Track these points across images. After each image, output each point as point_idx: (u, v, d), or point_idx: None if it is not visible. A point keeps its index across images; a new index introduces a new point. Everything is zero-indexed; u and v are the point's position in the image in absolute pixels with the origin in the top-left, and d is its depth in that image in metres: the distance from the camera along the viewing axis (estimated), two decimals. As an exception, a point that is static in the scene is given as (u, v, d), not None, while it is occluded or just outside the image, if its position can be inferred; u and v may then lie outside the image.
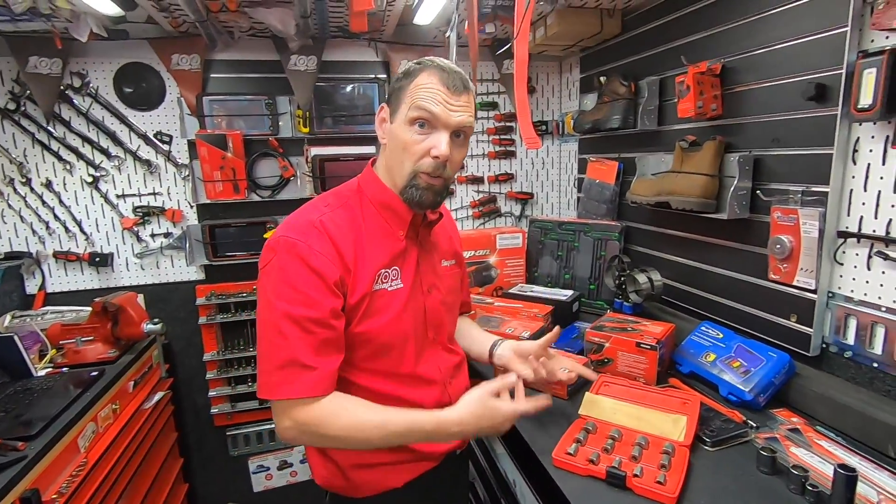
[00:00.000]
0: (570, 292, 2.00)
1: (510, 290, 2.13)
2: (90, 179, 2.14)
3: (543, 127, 2.63)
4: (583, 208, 2.31)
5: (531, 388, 1.40)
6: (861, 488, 0.91)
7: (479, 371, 1.54)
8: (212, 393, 2.37)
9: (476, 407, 1.01)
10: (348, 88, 2.35)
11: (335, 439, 0.96)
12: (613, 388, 1.34)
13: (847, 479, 0.86)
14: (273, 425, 1.02)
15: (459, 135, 1.02)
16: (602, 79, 2.02)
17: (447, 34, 1.89)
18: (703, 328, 1.52)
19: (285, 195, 2.34)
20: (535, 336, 1.71)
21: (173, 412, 2.25)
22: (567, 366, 1.25)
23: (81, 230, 2.17)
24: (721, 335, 1.46)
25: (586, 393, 1.30)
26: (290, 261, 0.94)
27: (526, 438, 1.18)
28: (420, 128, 0.98)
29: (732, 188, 1.43)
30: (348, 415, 0.95)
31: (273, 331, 0.94)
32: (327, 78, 2.32)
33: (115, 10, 1.71)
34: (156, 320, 1.93)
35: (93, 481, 1.50)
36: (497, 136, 2.59)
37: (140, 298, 2.20)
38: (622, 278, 1.82)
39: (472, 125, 1.03)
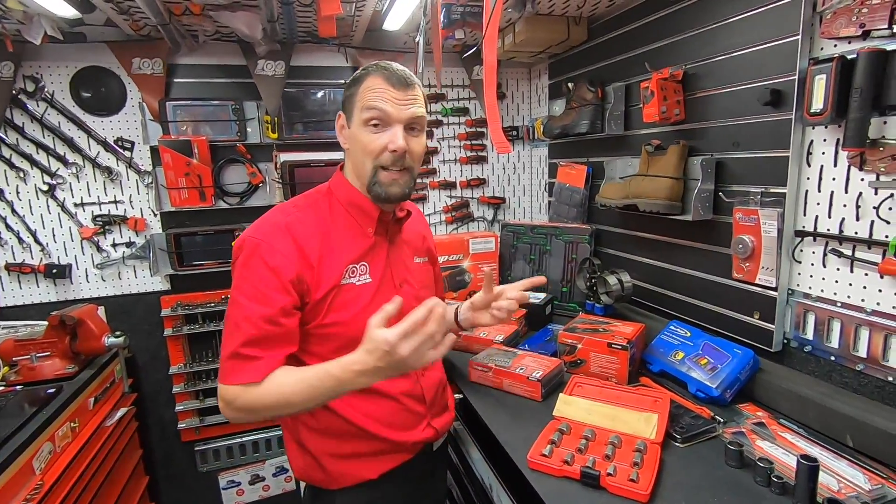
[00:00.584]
0: (542, 295, 2.01)
1: (484, 295, 2.14)
2: (45, 188, 2.05)
3: (514, 132, 2.66)
4: (554, 212, 2.34)
5: (508, 391, 1.41)
6: (823, 478, 0.94)
7: (453, 364, 1.54)
8: (179, 407, 2.29)
9: (365, 342, 0.92)
10: (318, 94, 2.33)
11: (256, 410, 0.98)
12: (586, 388, 1.35)
13: (809, 469, 0.89)
14: (242, 438, 1.04)
15: (414, 127, 1.08)
16: (570, 85, 2.06)
17: (416, 39, 1.89)
18: (671, 327, 1.55)
19: (254, 202, 2.29)
20: (509, 339, 1.72)
21: (137, 428, 2.16)
22: (511, 295, 1.26)
23: (36, 240, 2.07)
24: (689, 334, 1.50)
25: (560, 394, 1.31)
26: (253, 260, 1.01)
27: (501, 441, 1.18)
28: (374, 127, 1.05)
29: (696, 190, 1.47)
30: (269, 381, 0.98)
31: (231, 322, 1.01)
32: (296, 83, 2.28)
33: (71, 13, 1.65)
34: (118, 333, 1.85)
35: (50, 504, 1.42)
36: (468, 142, 2.60)
37: (101, 311, 2.12)
38: (593, 280, 1.85)
39: (424, 116, 1.10)
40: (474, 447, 1.40)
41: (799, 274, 1.30)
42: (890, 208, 1.08)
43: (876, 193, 1.10)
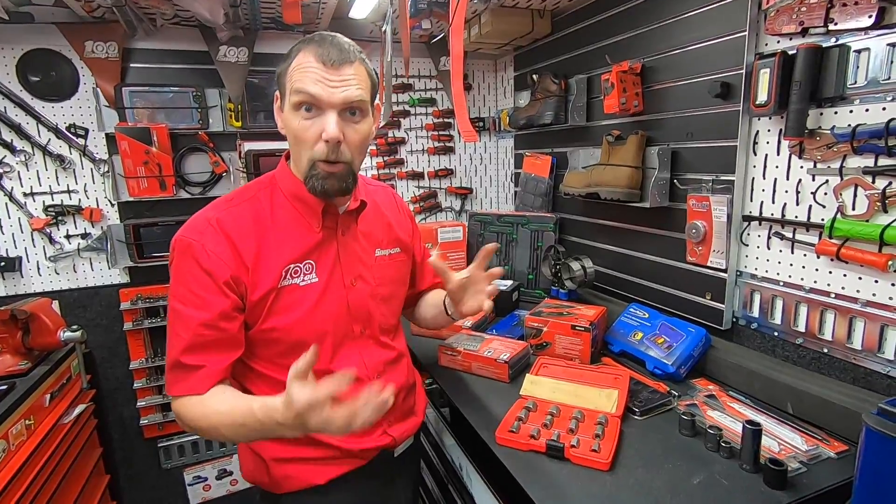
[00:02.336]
0: (509, 282, 2.06)
1: (452, 283, 2.17)
2: (-9, 176, 1.95)
3: (480, 123, 2.70)
4: (520, 201, 2.40)
5: (477, 374, 1.45)
6: (765, 441, 1.02)
7: (422, 351, 1.56)
8: (140, 403, 2.22)
9: (286, 397, 0.80)
10: (283, 82, 2.29)
11: (201, 431, 0.94)
12: (551, 368, 1.41)
13: (753, 432, 0.97)
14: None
15: (354, 112, 0.95)
16: (535, 77, 2.11)
17: (383, 29, 1.89)
18: (631, 310, 1.63)
19: (218, 191, 2.24)
20: (478, 325, 1.76)
21: (97, 426, 2.09)
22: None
23: (-18, 232, 1.97)
24: (647, 315, 1.57)
25: (527, 374, 1.36)
26: (185, 261, 0.94)
27: (471, 421, 1.22)
28: (306, 112, 0.93)
29: (654, 179, 1.54)
30: (203, 408, 0.92)
31: (170, 330, 0.95)
32: (260, 71, 2.24)
33: (17, -10, 1.57)
34: (74, 327, 1.78)
35: (5, 503, 1.37)
36: (436, 132, 2.62)
37: (55, 305, 2.03)
38: (557, 267, 1.90)
39: (364, 98, 0.95)
40: (447, 433, 1.43)
41: (746, 256, 1.39)
42: (825, 193, 1.17)
43: (813, 180, 1.19)
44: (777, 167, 1.28)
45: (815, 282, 1.22)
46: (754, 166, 1.33)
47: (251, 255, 0.96)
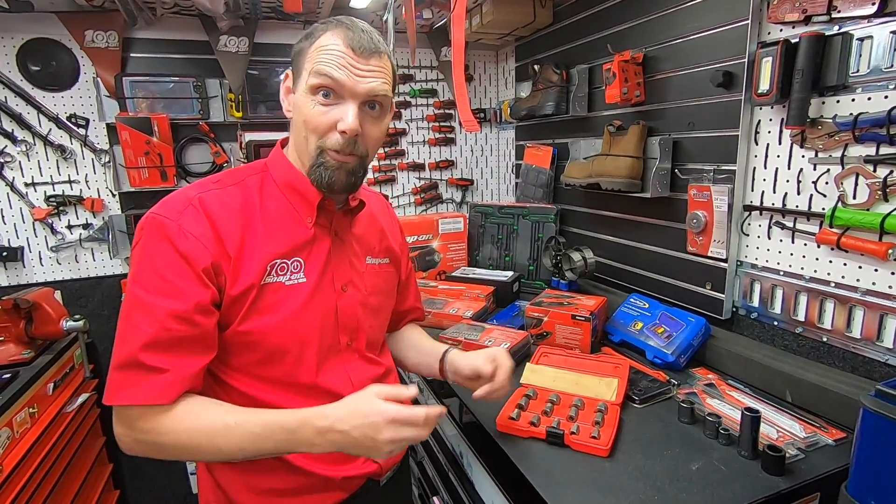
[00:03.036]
0: (510, 273, 2.07)
1: (453, 274, 2.18)
2: (-8, 166, 1.95)
3: (482, 114, 2.69)
4: (521, 193, 2.40)
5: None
6: (764, 428, 1.03)
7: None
8: (143, 393, 2.24)
9: (351, 401, 0.80)
10: (283, 72, 2.28)
11: (178, 448, 0.79)
12: (552, 357, 1.41)
13: (751, 419, 0.97)
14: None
15: (374, 106, 0.88)
16: (536, 67, 2.10)
17: (384, 18, 1.88)
18: (631, 300, 1.63)
19: (218, 183, 2.24)
20: (478, 315, 1.77)
21: (100, 415, 2.10)
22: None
23: (-17, 222, 1.97)
24: (647, 305, 1.58)
25: (527, 363, 1.36)
26: (157, 242, 0.80)
27: (470, 409, 1.23)
28: (324, 97, 0.84)
29: (655, 169, 1.54)
30: (193, 418, 0.78)
31: (125, 321, 0.79)
32: (261, 61, 2.24)
33: (16, -21, 1.57)
34: (77, 317, 1.79)
35: (10, 490, 1.39)
36: (437, 123, 2.61)
37: (57, 295, 2.04)
38: (558, 258, 1.91)
39: (388, 94, 0.89)
40: (450, 423, 1.44)
41: (747, 246, 1.39)
42: (826, 182, 1.17)
43: (815, 169, 1.19)
44: (778, 156, 1.27)
45: (815, 271, 1.22)
46: (755, 156, 1.33)
47: (234, 244, 0.84)
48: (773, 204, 1.30)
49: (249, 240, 0.86)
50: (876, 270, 1.10)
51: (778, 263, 1.31)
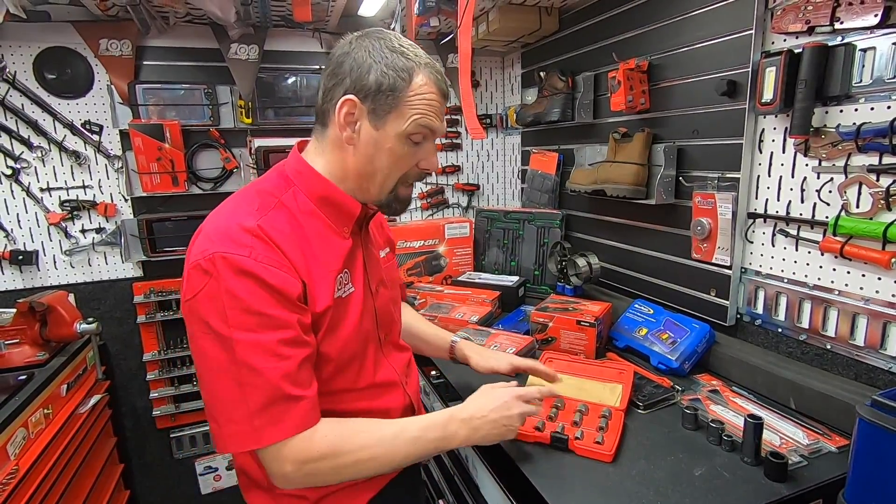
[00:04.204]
0: (515, 278, 2.09)
1: (459, 278, 2.20)
2: (9, 172, 1.99)
3: (488, 120, 2.71)
4: (526, 198, 2.41)
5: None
6: (767, 435, 1.04)
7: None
8: (153, 394, 2.28)
9: (478, 395, 0.98)
10: (291, 79, 2.32)
11: (357, 464, 0.84)
12: (557, 363, 1.43)
13: (754, 426, 0.98)
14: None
15: None
16: (542, 74, 2.12)
17: (391, 26, 1.91)
18: (636, 306, 1.64)
19: (228, 187, 2.28)
20: (484, 319, 1.78)
21: (111, 416, 2.14)
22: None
23: (0, 226, 2.02)
24: (652, 311, 1.59)
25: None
26: (238, 282, 0.76)
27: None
28: (415, 144, 0.89)
29: (659, 176, 1.56)
30: (363, 433, 0.85)
31: (236, 372, 0.76)
32: (270, 68, 2.27)
33: (35, -10, 1.61)
34: (90, 319, 1.83)
35: (25, 490, 1.42)
36: (443, 129, 2.63)
37: (71, 298, 2.08)
38: (563, 263, 1.92)
39: None
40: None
41: (751, 253, 1.40)
42: (830, 191, 1.18)
43: (818, 177, 1.20)
44: (782, 165, 1.28)
45: (818, 279, 1.23)
46: (760, 164, 1.34)
47: (304, 268, 0.84)
48: (777, 212, 1.31)
49: (311, 261, 0.86)
50: (879, 279, 1.10)
51: (782, 271, 1.32)
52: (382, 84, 0.84)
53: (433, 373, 1.55)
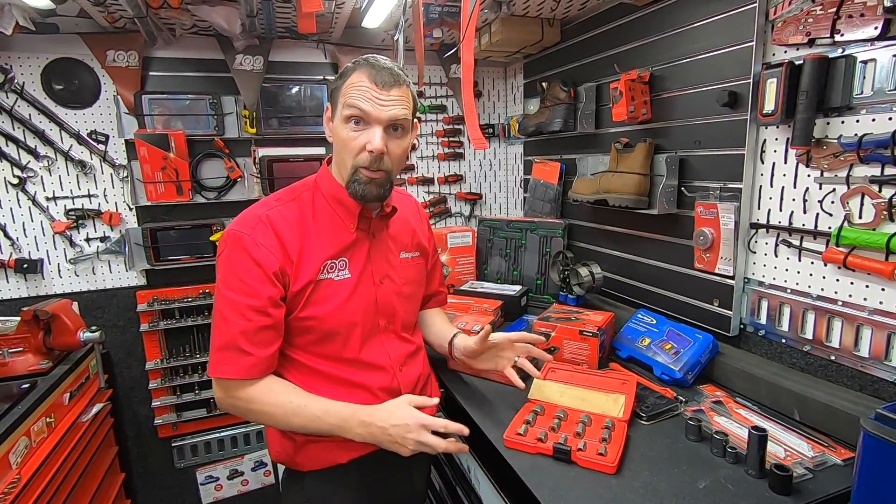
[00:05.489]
0: (518, 287, 2.09)
1: (461, 287, 2.19)
2: (15, 181, 2.01)
3: (490, 130, 2.73)
4: (529, 207, 2.42)
5: (485, 378, 1.46)
6: (771, 447, 1.03)
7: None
8: (155, 403, 2.27)
9: (391, 405, 1.05)
10: (296, 89, 2.34)
11: (260, 414, 1.06)
12: (559, 373, 1.42)
13: (759, 438, 0.98)
14: (221, 433, 1.04)
15: (397, 128, 1.08)
16: (544, 84, 2.13)
17: (395, 37, 1.93)
18: (638, 315, 1.64)
19: (232, 196, 2.30)
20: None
21: (113, 425, 2.14)
22: (519, 355, 1.31)
23: (6, 235, 2.03)
24: (655, 321, 1.58)
25: (534, 379, 1.37)
26: (237, 252, 1.03)
27: (479, 424, 1.24)
28: (355, 125, 1.05)
29: (661, 186, 1.56)
30: (275, 396, 1.05)
31: (219, 315, 1.04)
32: (274, 78, 2.30)
33: (43, 3, 1.63)
34: (93, 328, 1.83)
35: (27, 499, 1.41)
36: (446, 139, 2.65)
37: (74, 306, 2.08)
38: (566, 272, 1.92)
39: (408, 117, 1.09)
40: (458, 438, 1.44)
41: (754, 263, 1.40)
42: (832, 202, 1.18)
43: (820, 188, 1.20)
44: (784, 175, 1.29)
45: (822, 289, 1.23)
46: (762, 174, 1.35)
47: (295, 249, 1.06)
48: (779, 222, 1.31)
49: (306, 246, 1.08)
50: (883, 290, 1.10)
51: (785, 281, 1.31)
52: (332, 86, 1.11)
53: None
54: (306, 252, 1.08)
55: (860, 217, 1.13)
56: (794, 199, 1.27)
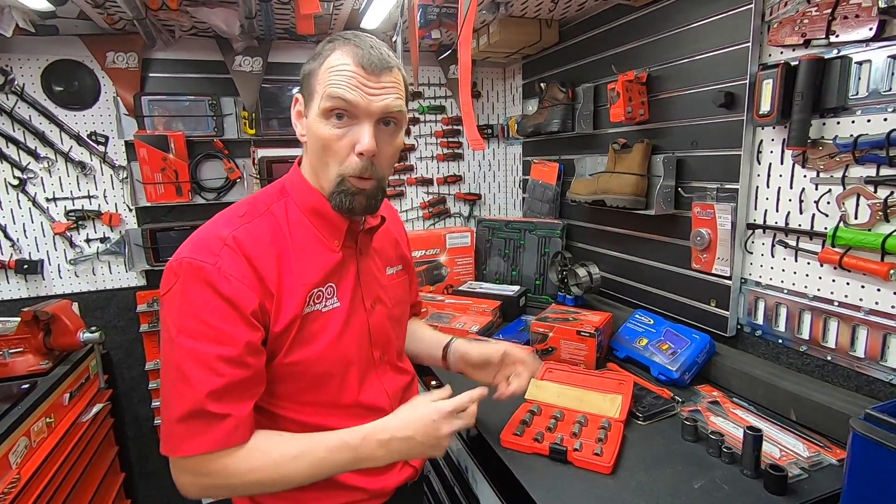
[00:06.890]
0: (516, 288, 2.09)
1: (460, 288, 2.20)
2: (16, 182, 2.02)
3: (489, 130, 2.73)
4: (527, 208, 2.42)
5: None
6: (767, 447, 1.04)
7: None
8: (155, 403, 2.28)
9: (406, 410, 0.89)
10: (295, 90, 2.35)
11: (250, 486, 0.82)
12: (557, 373, 1.43)
13: (754, 438, 0.98)
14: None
15: (389, 122, 0.86)
16: (542, 85, 2.14)
17: (393, 39, 1.94)
18: (636, 316, 1.64)
19: (232, 197, 2.30)
20: (484, 330, 1.78)
21: (113, 425, 2.15)
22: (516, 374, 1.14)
23: (6, 236, 2.04)
24: (652, 321, 1.59)
25: (532, 379, 1.37)
26: (196, 288, 0.77)
27: (477, 425, 1.24)
28: (338, 120, 0.82)
29: (659, 186, 1.56)
30: (261, 455, 0.80)
31: (175, 374, 0.77)
32: (274, 79, 2.30)
33: (43, 5, 1.64)
34: (93, 328, 1.84)
35: (27, 499, 1.42)
36: (445, 139, 2.66)
37: (74, 307, 2.09)
38: (564, 273, 1.93)
39: (402, 109, 0.86)
40: (454, 438, 1.45)
41: (751, 264, 1.40)
42: (828, 202, 1.18)
43: (816, 189, 1.21)
44: (780, 176, 1.29)
45: (818, 290, 1.23)
46: (758, 175, 1.35)
47: (274, 280, 0.83)
48: (775, 222, 1.31)
49: (286, 273, 0.85)
50: (878, 290, 1.10)
51: (782, 281, 1.32)
52: (306, 70, 0.86)
53: (433, 382, 1.55)
54: (287, 281, 0.84)
55: (856, 218, 1.13)
56: (790, 200, 1.27)
